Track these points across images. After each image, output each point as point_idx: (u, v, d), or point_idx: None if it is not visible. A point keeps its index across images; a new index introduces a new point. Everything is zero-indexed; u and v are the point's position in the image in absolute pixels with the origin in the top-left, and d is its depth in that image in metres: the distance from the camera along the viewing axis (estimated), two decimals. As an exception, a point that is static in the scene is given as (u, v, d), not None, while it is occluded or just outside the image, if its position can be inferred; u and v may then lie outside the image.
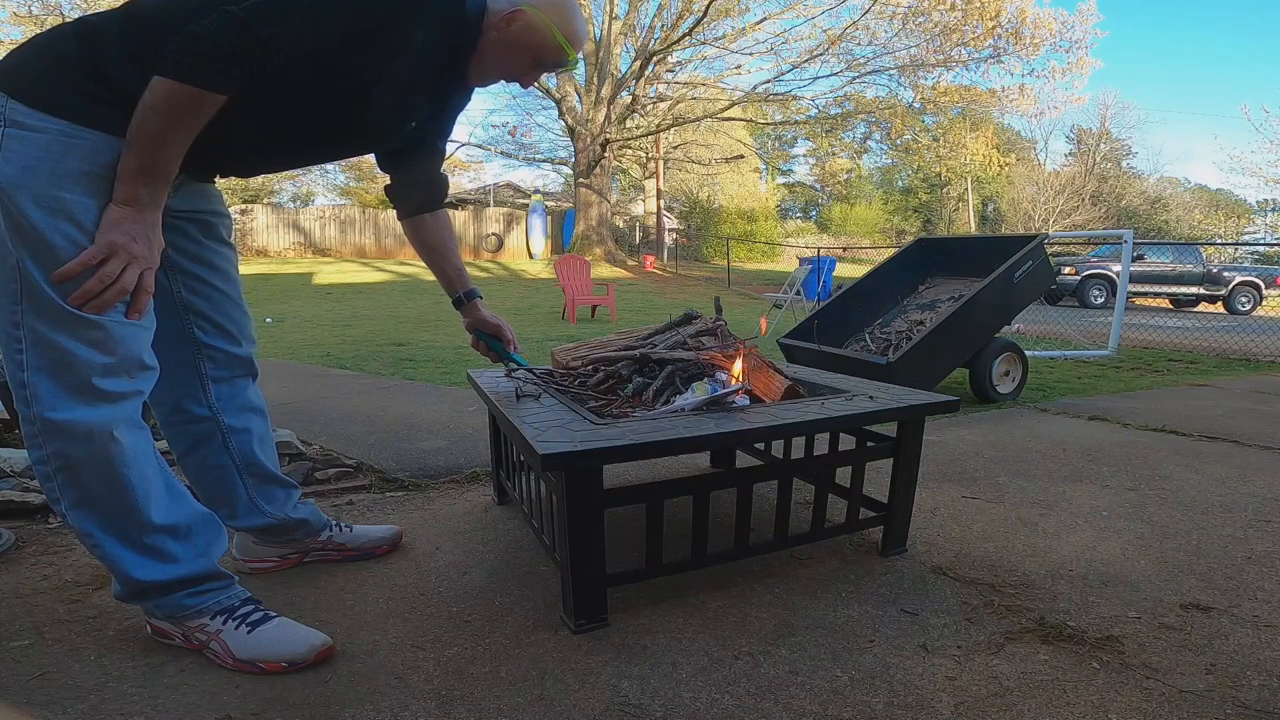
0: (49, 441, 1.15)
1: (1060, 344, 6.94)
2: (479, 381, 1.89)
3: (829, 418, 1.51)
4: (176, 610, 1.24)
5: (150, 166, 1.10)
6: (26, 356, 1.13)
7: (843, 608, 1.43)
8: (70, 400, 1.14)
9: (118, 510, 1.19)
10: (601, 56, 17.55)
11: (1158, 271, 14.31)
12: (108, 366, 1.16)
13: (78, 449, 1.15)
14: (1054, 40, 18.10)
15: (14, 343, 1.13)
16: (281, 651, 1.23)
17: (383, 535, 1.69)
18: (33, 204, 1.09)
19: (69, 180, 1.11)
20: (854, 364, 3.45)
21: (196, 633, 1.25)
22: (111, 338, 1.16)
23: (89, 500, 1.18)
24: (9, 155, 1.09)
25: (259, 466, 1.51)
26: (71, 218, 1.11)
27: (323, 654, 1.24)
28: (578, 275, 9.88)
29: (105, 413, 1.17)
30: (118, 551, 1.20)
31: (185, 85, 1.05)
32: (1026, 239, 4.02)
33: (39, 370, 1.13)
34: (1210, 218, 34.00)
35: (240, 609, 1.27)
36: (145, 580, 1.21)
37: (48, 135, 1.10)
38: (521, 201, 23.86)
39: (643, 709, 1.10)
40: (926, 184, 36.88)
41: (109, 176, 1.12)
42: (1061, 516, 1.99)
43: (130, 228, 1.11)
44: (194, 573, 1.25)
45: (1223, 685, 1.17)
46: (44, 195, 1.10)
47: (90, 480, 1.17)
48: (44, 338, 1.12)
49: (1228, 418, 3.43)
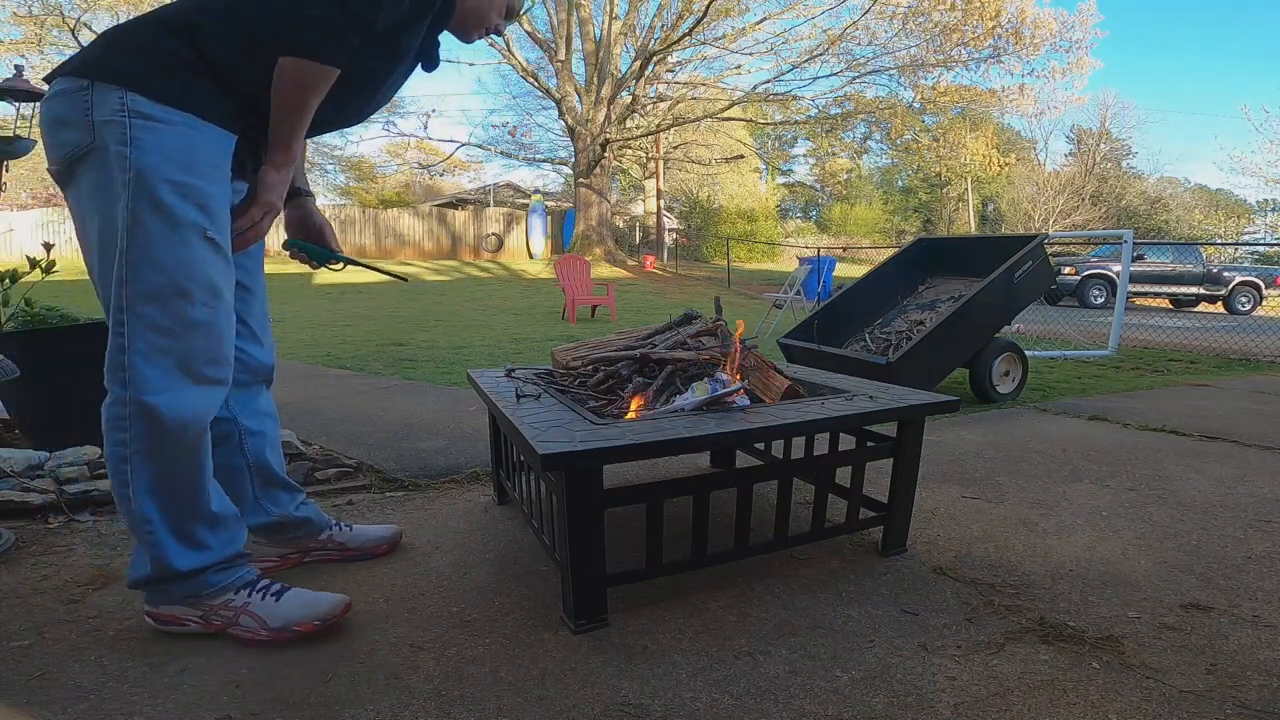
0: (136, 424, 1.20)
1: (1060, 344, 6.94)
2: (479, 381, 1.89)
3: (829, 418, 1.51)
4: (202, 589, 1.28)
5: (297, 132, 1.28)
6: (130, 340, 1.19)
7: (843, 608, 1.43)
8: (174, 387, 1.22)
9: (182, 497, 1.25)
10: (601, 56, 17.56)
11: (1158, 271, 14.31)
12: (210, 357, 1.26)
13: (168, 435, 1.22)
14: (1054, 40, 18.13)
15: (118, 325, 1.20)
16: (312, 613, 1.30)
17: (383, 535, 1.69)
18: (170, 191, 1.19)
19: (199, 170, 1.22)
20: (854, 364, 3.45)
21: (220, 610, 1.28)
22: (214, 330, 1.26)
23: (160, 485, 1.23)
24: (143, 145, 1.18)
25: (267, 469, 1.54)
26: (201, 205, 1.22)
27: (345, 610, 1.33)
28: (578, 275, 9.87)
29: (204, 401, 1.26)
30: (167, 540, 1.25)
31: (319, 64, 1.20)
32: (1026, 239, 4.02)
33: (143, 355, 1.20)
34: (1210, 218, 33.97)
35: (259, 582, 1.33)
36: (184, 569, 1.26)
37: (175, 127, 1.20)
38: (521, 201, 23.86)
39: (643, 709, 1.10)
40: (926, 184, 36.87)
41: (225, 165, 1.27)
42: (1061, 516, 1.99)
43: (281, 188, 1.31)
44: (224, 557, 1.31)
45: (1223, 685, 1.17)
46: (179, 183, 1.20)
47: (168, 466, 1.23)
48: (152, 323, 1.20)
49: (1228, 418, 3.43)
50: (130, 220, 1.17)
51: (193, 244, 1.21)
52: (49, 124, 1.23)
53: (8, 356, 1.72)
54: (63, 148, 1.21)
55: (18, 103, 3.23)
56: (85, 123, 1.17)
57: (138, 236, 1.18)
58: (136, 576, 1.28)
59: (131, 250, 1.18)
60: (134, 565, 1.29)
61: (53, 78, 1.24)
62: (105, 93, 1.17)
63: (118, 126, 1.17)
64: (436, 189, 30.37)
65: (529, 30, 17.88)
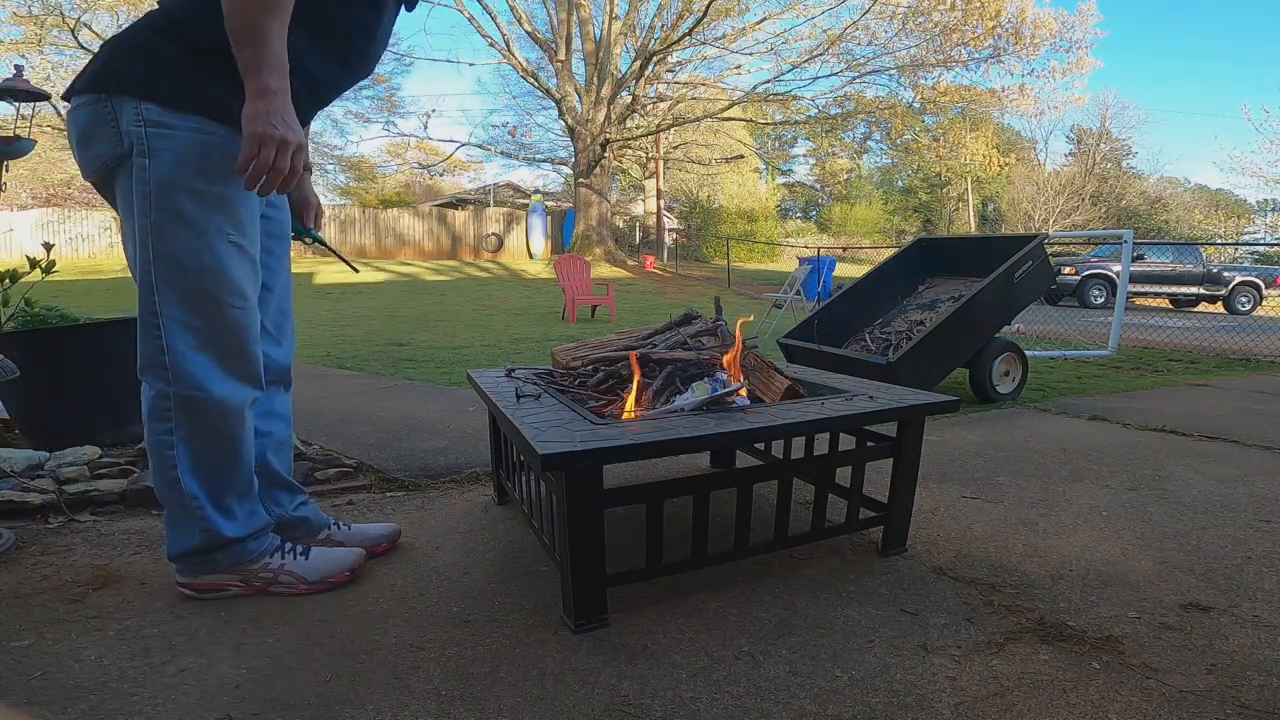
0: (179, 414, 1.31)
1: (1060, 344, 6.94)
2: (479, 381, 1.89)
3: (829, 418, 1.51)
4: (244, 556, 1.40)
5: (263, 59, 1.17)
6: (167, 340, 1.28)
7: (843, 608, 1.43)
8: (213, 380, 1.31)
9: (223, 475, 1.37)
10: (601, 56, 17.55)
11: (1158, 271, 14.31)
12: (241, 353, 1.35)
13: (209, 420, 1.32)
14: (1054, 40, 18.13)
15: (155, 327, 1.28)
16: (339, 565, 1.47)
17: (381, 533, 1.69)
18: (188, 197, 1.25)
19: (216, 175, 1.27)
20: (854, 364, 3.45)
21: (260, 573, 1.41)
22: (243, 328, 1.34)
23: (203, 465, 1.34)
24: (160, 154, 1.23)
25: (270, 469, 1.57)
26: (222, 209, 1.28)
27: (364, 561, 1.54)
28: (578, 275, 9.88)
29: (240, 392, 1.36)
30: (213, 513, 1.36)
31: None
32: (1026, 239, 4.02)
33: (181, 353, 1.29)
34: (1210, 218, 33.97)
35: (284, 544, 1.46)
36: (232, 536, 1.38)
37: (186, 132, 1.24)
38: (521, 201, 23.86)
39: (643, 709, 1.10)
40: (926, 184, 36.86)
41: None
42: (1061, 516, 1.99)
43: (268, 117, 1.19)
44: (260, 526, 1.44)
45: (1223, 685, 1.17)
46: (198, 191, 1.26)
47: (210, 448, 1.34)
48: (186, 324, 1.28)
49: (1228, 418, 3.43)
50: (155, 230, 1.24)
51: (218, 250, 1.29)
52: (78, 140, 1.29)
53: (8, 356, 1.72)
54: (96, 160, 1.27)
55: (18, 103, 3.23)
56: (112, 133, 1.23)
57: (163, 245, 1.25)
58: (185, 548, 1.37)
59: (158, 259, 1.26)
60: (176, 539, 1.38)
61: (70, 95, 1.28)
62: (122, 103, 1.22)
63: (137, 137, 1.22)
64: (436, 189, 30.38)
65: (529, 30, 17.88)
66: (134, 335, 1.31)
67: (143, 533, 1.75)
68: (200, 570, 1.40)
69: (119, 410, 2.35)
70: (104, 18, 15.17)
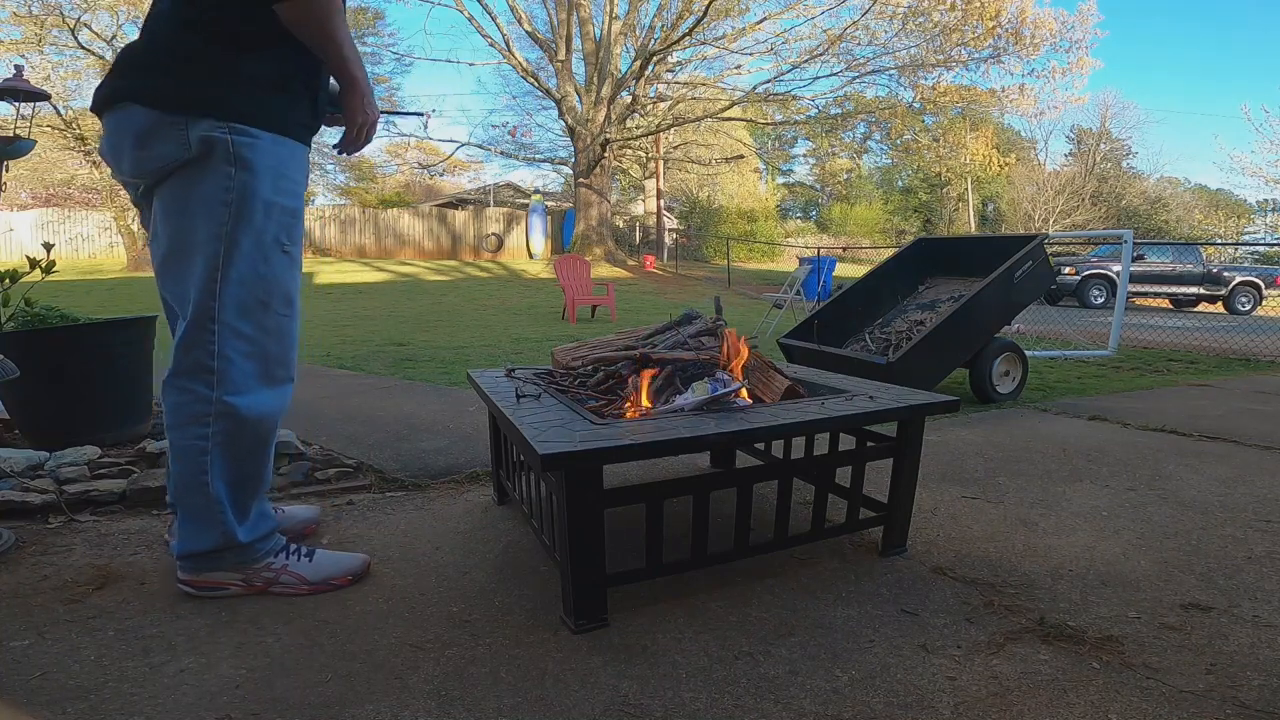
0: (219, 422, 1.33)
1: (1060, 344, 6.94)
2: (479, 381, 1.89)
3: (829, 418, 1.51)
4: (250, 558, 1.42)
5: (345, 54, 1.35)
6: (220, 347, 1.31)
7: (843, 608, 1.43)
8: (255, 389, 1.35)
9: (249, 482, 1.40)
10: (601, 56, 17.55)
11: (1158, 271, 14.30)
12: (282, 360, 1.40)
13: (246, 430, 1.35)
14: (1054, 40, 18.12)
15: (208, 333, 1.30)
16: (343, 569, 1.48)
17: (308, 517, 1.78)
18: (261, 208, 1.31)
19: (285, 189, 1.35)
20: (854, 364, 3.45)
21: (262, 572, 1.43)
22: (287, 335, 1.39)
23: (235, 472, 1.37)
24: (249, 165, 1.29)
25: None
26: (282, 222, 1.35)
27: (367, 568, 1.54)
28: (578, 275, 9.87)
29: (278, 401, 1.41)
30: (232, 518, 1.39)
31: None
32: (1026, 239, 4.02)
33: (230, 360, 1.32)
34: (1210, 218, 33.93)
35: (290, 546, 1.48)
36: (245, 540, 1.40)
37: (268, 144, 1.31)
38: (521, 201, 23.85)
39: (643, 709, 1.10)
40: (926, 184, 36.83)
41: (304, 180, 1.42)
42: (1061, 516, 1.99)
43: (364, 104, 1.42)
44: (270, 528, 1.46)
45: (1223, 685, 1.17)
46: (270, 202, 1.32)
47: (243, 456, 1.37)
48: (238, 332, 1.32)
49: (1228, 418, 3.43)
50: (228, 238, 1.28)
51: (274, 260, 1.34)
52: (136, 141, 1.28)
53: (8, 356, 1.72)
54: (155, 160, 1.28)
55: (18, 103, 3.23)
56: (179, 136, 1.25)
57: (234, 253, 1.29)
58: (199, 549, 1.38)
59: (227, 268, 1.29)
60: (190, 539, 1.39)
61: (119, 100, 1.28)
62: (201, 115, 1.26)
63: (221, 145, 1.26)
64: (436, 189, 30.37)
65: (529, 30, 17.88)
66: (134, 335, 1.32)
67: (143, 533, 1.75)
68: (204, 568, 1.41)
69: (119, 410, 2.35)
70: (104, 18, 15.14)
